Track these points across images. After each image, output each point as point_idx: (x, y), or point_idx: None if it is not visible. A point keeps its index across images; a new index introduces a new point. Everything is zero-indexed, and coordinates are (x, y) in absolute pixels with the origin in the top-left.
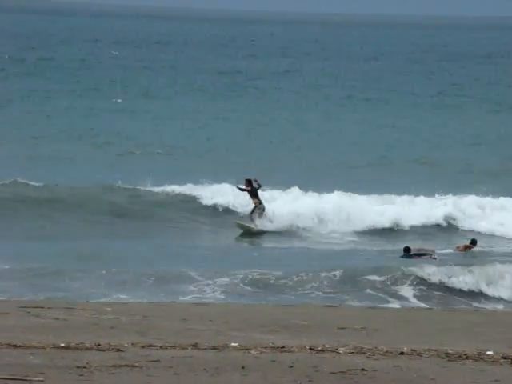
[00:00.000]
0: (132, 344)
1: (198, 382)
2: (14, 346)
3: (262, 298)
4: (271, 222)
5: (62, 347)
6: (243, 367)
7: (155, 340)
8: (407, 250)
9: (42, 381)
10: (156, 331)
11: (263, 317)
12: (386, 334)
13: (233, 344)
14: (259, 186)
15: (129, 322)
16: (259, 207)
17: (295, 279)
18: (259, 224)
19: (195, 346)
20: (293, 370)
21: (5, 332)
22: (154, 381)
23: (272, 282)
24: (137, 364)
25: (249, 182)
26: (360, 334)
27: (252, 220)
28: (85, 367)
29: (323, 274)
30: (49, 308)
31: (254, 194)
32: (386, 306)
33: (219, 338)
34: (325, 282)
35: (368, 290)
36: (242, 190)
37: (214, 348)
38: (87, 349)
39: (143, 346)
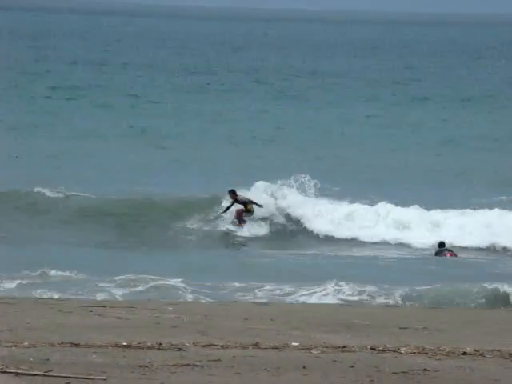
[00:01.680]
0: (193, 343)
1: (259, 382)
2: (77, 345)
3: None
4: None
5: (124, 346)
6: (304, 367)
7: (216, 339)
8: (442, 244)
9: (104, 379)
10: (217, 330)
11: (324, 316)
12: (449, 334)
13: (294, 343)
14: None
15: (190, 321)
16: (250, 214)
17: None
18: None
19: (256, 345)
20: (354, 370)
21: (68, 331)
22: (216, 380)
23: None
24: (198, 363)
25: (234, 193)
26: (422, 333)
27: (239, 219)
28: (147, 366)
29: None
30: (111, 307)
31: (244, 202)
32: (447, 305)
33: (280, 337)
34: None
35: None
36: (228, 208)
37: (275, 347)
38: (149, 348)
39: (204, 346)
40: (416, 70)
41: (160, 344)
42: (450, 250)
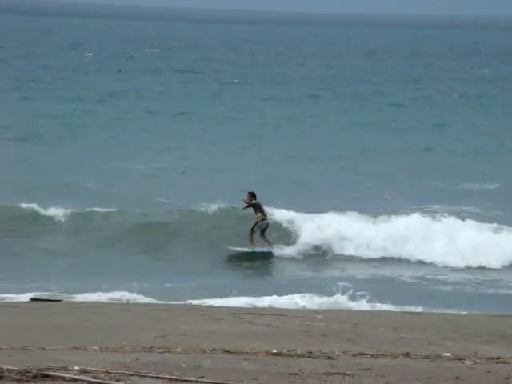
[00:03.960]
0: (343, 352)
1: None
2: (228, 352)
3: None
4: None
5: (275, 354)
6: (457, 378)
7: (366, 348)
8: None
9: None
10: (367, 339)
11: (477, 326)
12: None
13: (446, 354)
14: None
15: (339, 330)
16: (261, 223)
17: None
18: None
19: (407, 355)
20: (509, 382)
21: (219, 338)
22: None
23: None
24: (348, 372)
25: (252, 195)
26: None
27: (250, 240)
28: (297, 374)
29: None
30: (261, 315)
31: (258, 208)
32: None
33: (431, 347)
34: None
35: None
36: (246, 207)
37: (426, 357)
38: (299, 356)
39: (354, 354)
40: None
41: (310, 352)
42: None
